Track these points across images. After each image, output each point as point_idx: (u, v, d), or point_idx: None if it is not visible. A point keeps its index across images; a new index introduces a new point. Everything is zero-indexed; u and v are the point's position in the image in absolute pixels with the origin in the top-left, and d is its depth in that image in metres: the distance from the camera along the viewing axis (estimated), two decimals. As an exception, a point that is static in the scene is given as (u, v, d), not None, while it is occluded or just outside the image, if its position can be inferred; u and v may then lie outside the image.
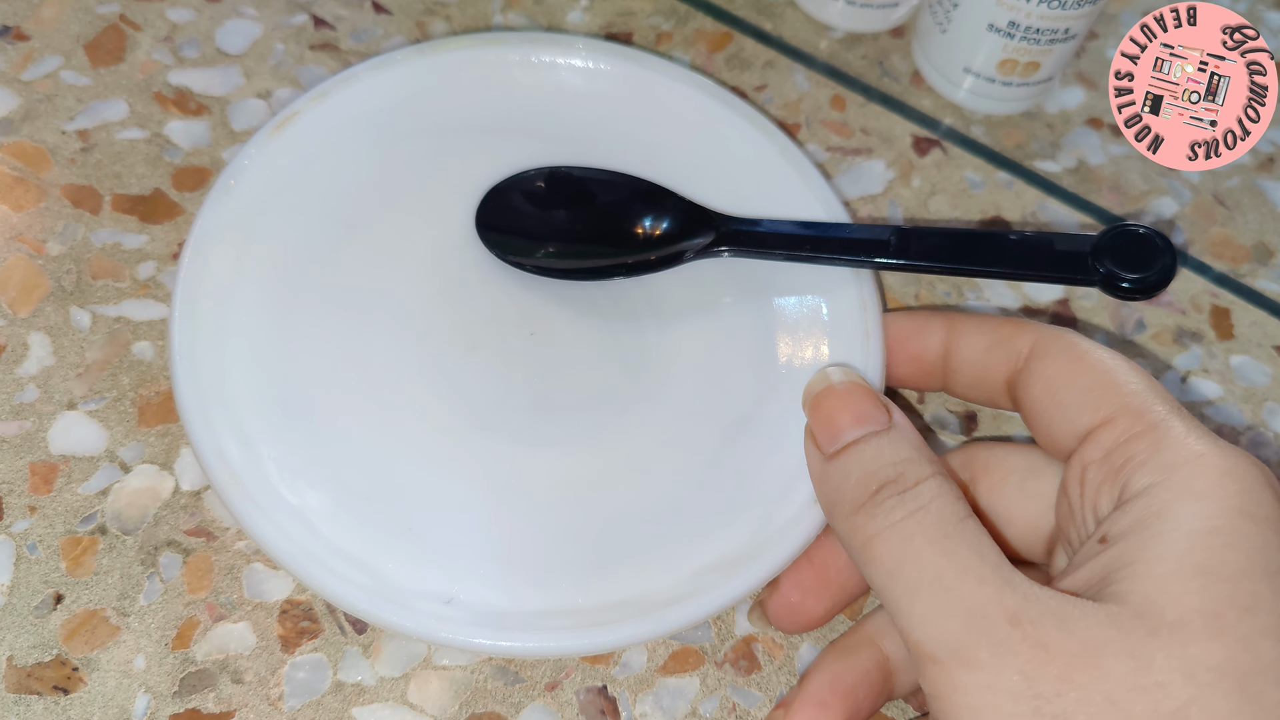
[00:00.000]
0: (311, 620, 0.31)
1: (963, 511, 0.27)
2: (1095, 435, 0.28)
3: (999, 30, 0.39)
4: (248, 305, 0.34)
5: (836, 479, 0.29)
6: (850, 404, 0.30)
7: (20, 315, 0.34)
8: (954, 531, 0.26)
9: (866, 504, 0.27)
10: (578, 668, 0.31)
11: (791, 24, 0.44)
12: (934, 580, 0.26)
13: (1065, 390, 0.29)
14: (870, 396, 0.30)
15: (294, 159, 0.36)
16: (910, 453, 0.28)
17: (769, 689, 0.31)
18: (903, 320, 0.34)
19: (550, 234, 0.36)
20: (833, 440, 0.29)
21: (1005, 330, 0.31)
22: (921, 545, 0.26)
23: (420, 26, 0.41)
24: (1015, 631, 0.24)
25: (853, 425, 0.29)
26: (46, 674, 0.29)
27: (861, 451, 0.29)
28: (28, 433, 0.32)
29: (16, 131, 0.37)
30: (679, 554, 0.31)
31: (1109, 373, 0.28)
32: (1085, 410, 0.28)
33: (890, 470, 0.28)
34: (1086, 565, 0.26)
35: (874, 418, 0.29)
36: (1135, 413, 0.27)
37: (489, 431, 0.33)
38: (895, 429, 0.29)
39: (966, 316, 0.32)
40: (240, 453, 0.31)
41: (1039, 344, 0.30)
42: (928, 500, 0.27)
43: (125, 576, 0.31)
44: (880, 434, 0.29)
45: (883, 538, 0.27)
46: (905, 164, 0.41)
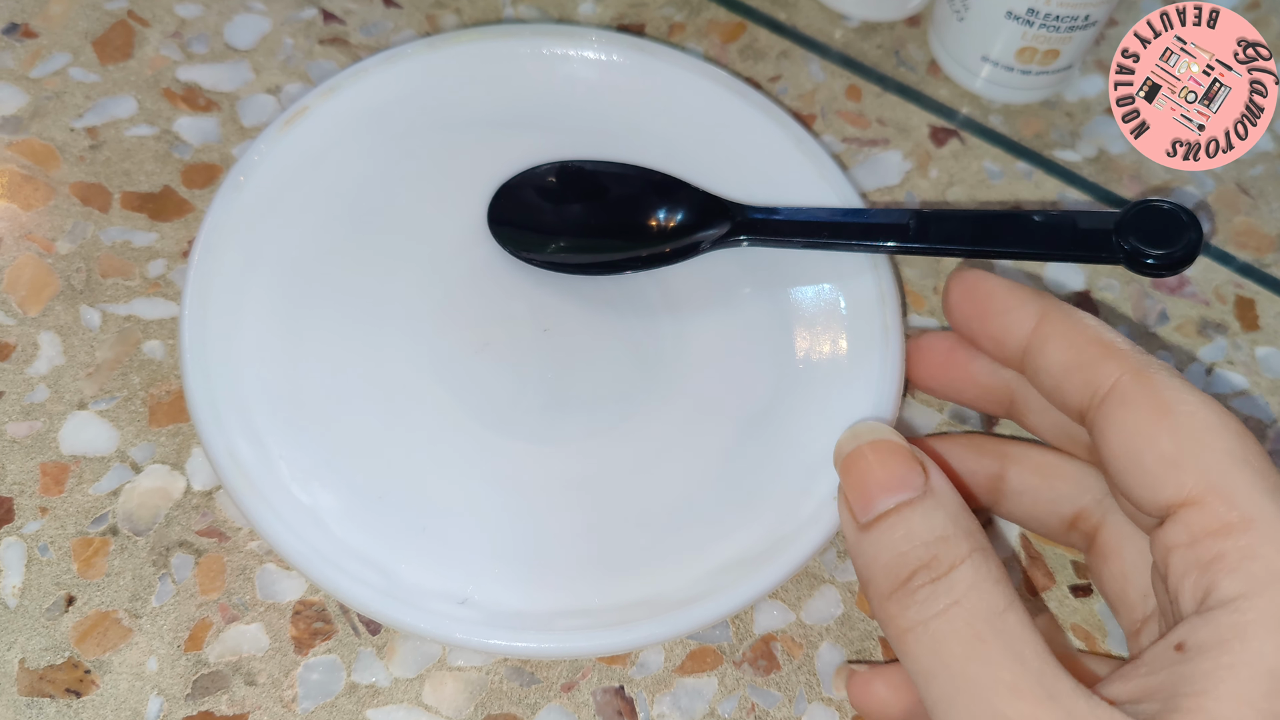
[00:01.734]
0: (325, 621, 0.31)
1: (1001, 603, 0.24)
2: (1181, 516, 0.25)
3: (1018, 17, 0.38)
4: (258, 303, 0.33)
5: (869, 555, 0.27)
6: (882, 467, 0.27)
7: (30, 314, 0.34)
8: (990, 633, 0.24)
9: (898, 593, 0.25)
10: (594, 668, 0.31)
11: (806, 13, 0.43)
12: (968, 691, 0.24)
13: (1146, 453, 0.25)
14: (903, 457, 0.27)
15: (304, 155, 0.35)
16: (945, 527, 0.26)
17: (788, 689, 0.31)
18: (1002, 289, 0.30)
19: (563, 228, 0.36)
20: (865, 509, 0.27)
21: (1091, 352, 0.27)
22: (955, 649, 0.24)
23: (430, 20, 0.41)
24: None
25: (885, 492, 0.27)
26: (58, 676, 0.29)
27: (893, 528, 0.26)
28: (38, 433, 0.32)
29: (25, 129, 0.37)
30: (696, 552, 0.31)
31: (1198, 438, 0.25)
32: (1169, 483, 0.25)
33: (923, 552, 0.25)
34: (1159, 672, 0.23)
35: (908, 482, 0.27)
36: (1226, 498, 0.24)
37: (502, 429, 0.33)
38: (930, 495, 0.26)
39: (1060, 315, 0.29)
40: (252, 452, 0.31)
41: (1120, 385, 0.26)
42: (962, 592, 0.24)
43: (137, 578, 0.31)
44: (914, 504, 0.26)
45: (915, 635, 0.25)
46: (922, 154, 0.40)
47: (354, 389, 0.33)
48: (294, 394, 0.32)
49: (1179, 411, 0.25)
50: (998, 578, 0.25)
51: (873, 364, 0.33)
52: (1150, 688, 0.23)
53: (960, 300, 0.31)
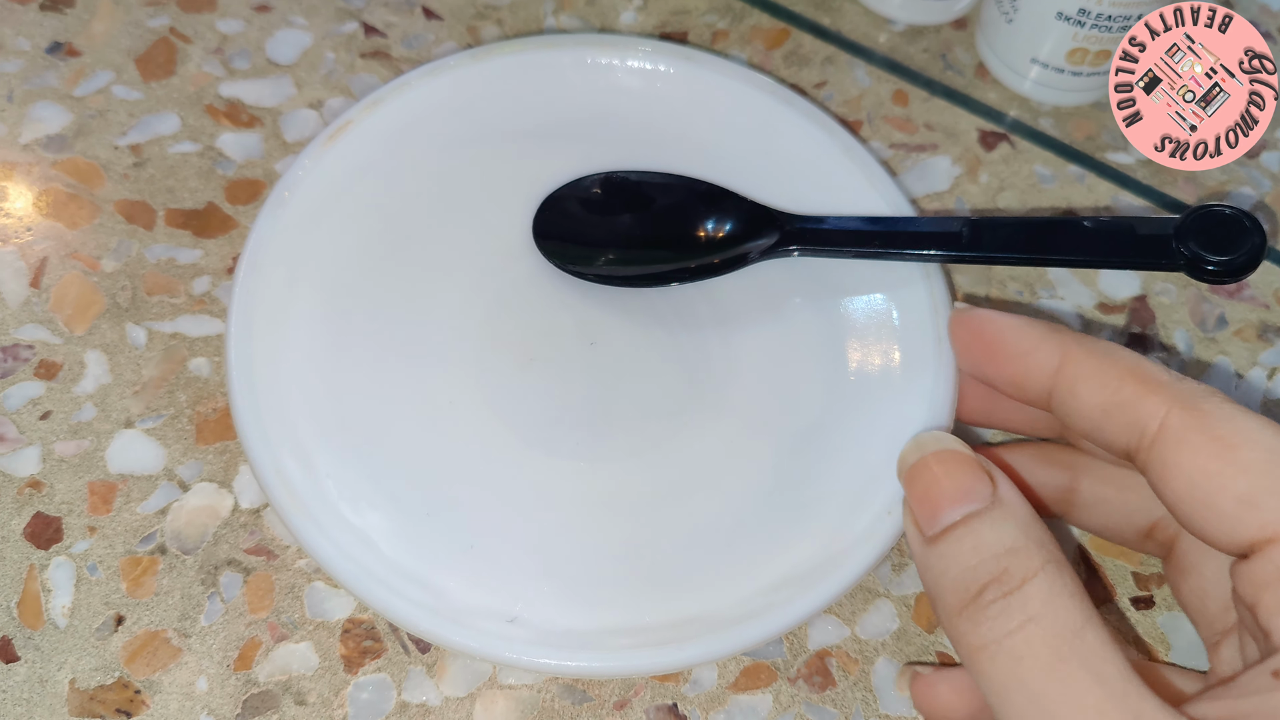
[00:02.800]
0: (374, 640, 0.30)
1: (1079, 619, 0.23)
2: (1268, 553, 0.23)
3: (1068, 18, 0.37)
4: (304, 319, 0.33)
5: (937, 570, 0.26)
6: (948, 478, 0.26)
7: (76, 333, 0.34)
8: (1068, 651, 0.23)
9: (969, 608, 0.24)
10: (647, 685, 0.30)
11: (850, 18, 0.42)
12: (1048, 713, 0.23)
13: (1217, 495, 0.24)
14: (970, 467, 0.27)
15: (348, 169, 0.35)
16: (1016, 538, 0.25)
17: (844, 705, 0.30)
18: (1012, 331, 0.29)
19: (609, 240, 0.35)
20: (932, 521, 0.26)
21: (1129, 390, 0.26)
22: (1031, 669, 0.23)
23: (472, 31, 0.41)
24: None
25: (952, 503, 0.26)
26: (109, 697, 0.29)
27: (962, 540, 0.25)
28: (86, 452, 0.32)
29: (70, 148, 0.37)
30: (748, 569, 0.30)
31: (1269, 470, 0.24)
32: (1249, 523, 0.24)
33: (994, 565, 0.24)
34: (1253, 697, 0.23)
35: (976, 493, 0.26)
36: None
37: (549, 445, 0.32)
38: (999, 505, 0.26)
39: (1085, 352, 0.27)
40: (299, 470, 0.30)
41: (1170, 423, 0.25)
42: (1037, 609, 0.24)
43: (186, 597, 0.30)
44: (983, 514, 0.25)
45: (989, 653, 0.24)
46: (972, 159, 0.40)
47: (399, 405, 0.32)
48: (340, 410, 0.32)
49: (1241, 445, 0.24)
50: (1073, 591, 0.24)
51: (926, 375, 0.32)
52: (1243, 712, 0.22)
53: (968, 345, 0.30)
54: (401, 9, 0.41)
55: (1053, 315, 0.37)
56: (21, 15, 0.40)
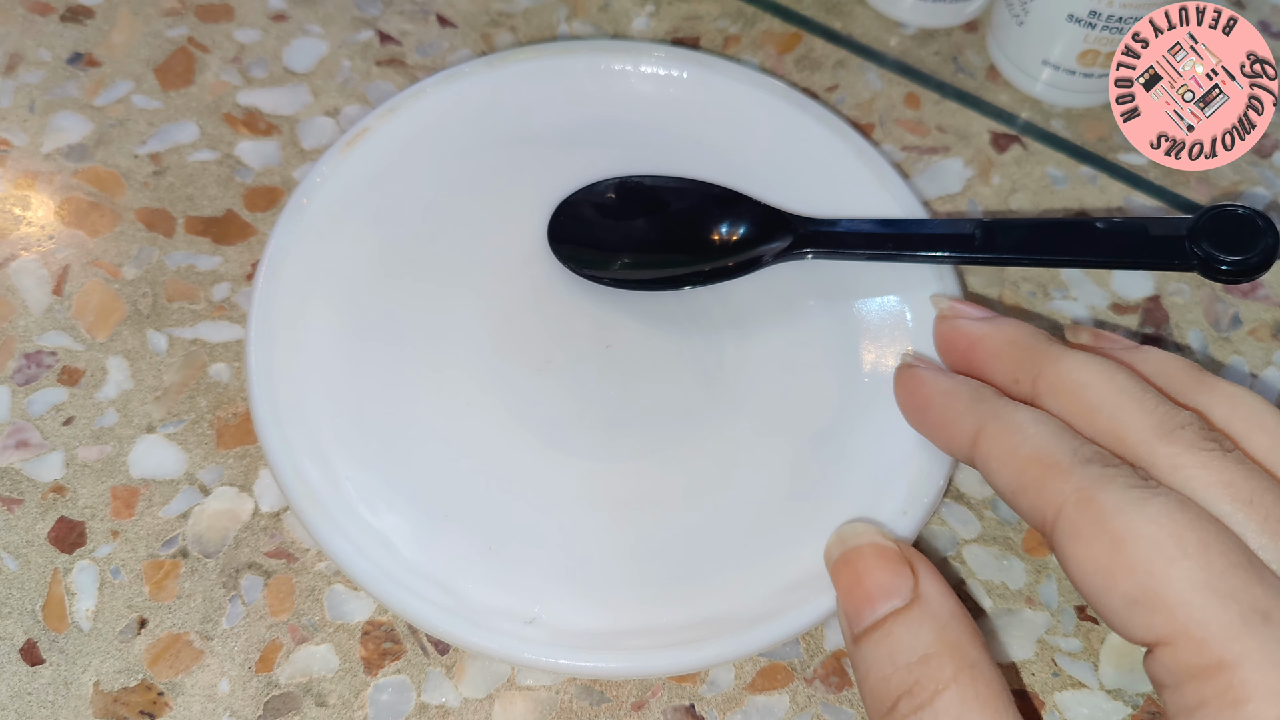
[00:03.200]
0: (394, 641, 0.31)
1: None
2: (1159, 656, 0.23)
3: (1079, 20, 0.37)
4: (323, 324, 0.33)
5: (860, 672, 0.26)
6: (869, 574, 0.27)
7: (98, 340, 0.34)
8: None
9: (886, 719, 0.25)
10: (664, 686, 0.31)
11: (861, 22, 0.43)
12: None
13: (1107, 595, 0.23)
14: (890, 561, 0.27)
15: (365, 175, 0.35)
16: (930, 644, 0.25)
17: (861, 706, 0.31)
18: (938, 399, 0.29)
19: (624, 245, 0.35)
20: (856, 619, 0.26)
21: (1031, 474, 0.25)
22: None
23: (486, 39, 0.41)
24: None
25: (872, 602, 0.26)
26: (132, 699, 0.29)
27: (879, 644, 0.25)
28: (108, 457, 0.33)
29: (90, 157, 0.37)
30: (764, 570, 0.31)
31: (1156, 571, 0.23)
32: (1137, 624, 0.23)
33: (905, 677, 0.25)
34: None
35: (895, 589, 0.26)
36: (1198, 640, 0.22)
37: (566, 448, 0.33)
38: (918, 605, 0.26)
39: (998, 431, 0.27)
40: (318, 473, 0.31)
41: (1065, 514, 0.24)
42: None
43: (207, 600, 0.31)
44: (899, 616, 0.26)
45: None
46: (984, 161, 0.40)
47: (417, 408, 0.33)
48: (359, 414, 0.32)
49: (1130, 541, 0.23)
50: (985, 702, 0.24)
51: (941, 375, 0.32)
52: None
53: (904, 402, 0.30)
54: (416, 17, 0.42)
55: (1062, 318, 0.37)
56: (42, 26, 0.40)
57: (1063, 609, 0.32)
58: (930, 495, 0.31)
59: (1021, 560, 0.33)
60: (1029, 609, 0.32)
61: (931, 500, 0.31)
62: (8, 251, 0.35)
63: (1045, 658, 0.31)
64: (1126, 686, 0.31)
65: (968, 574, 0.32)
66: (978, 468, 0.27)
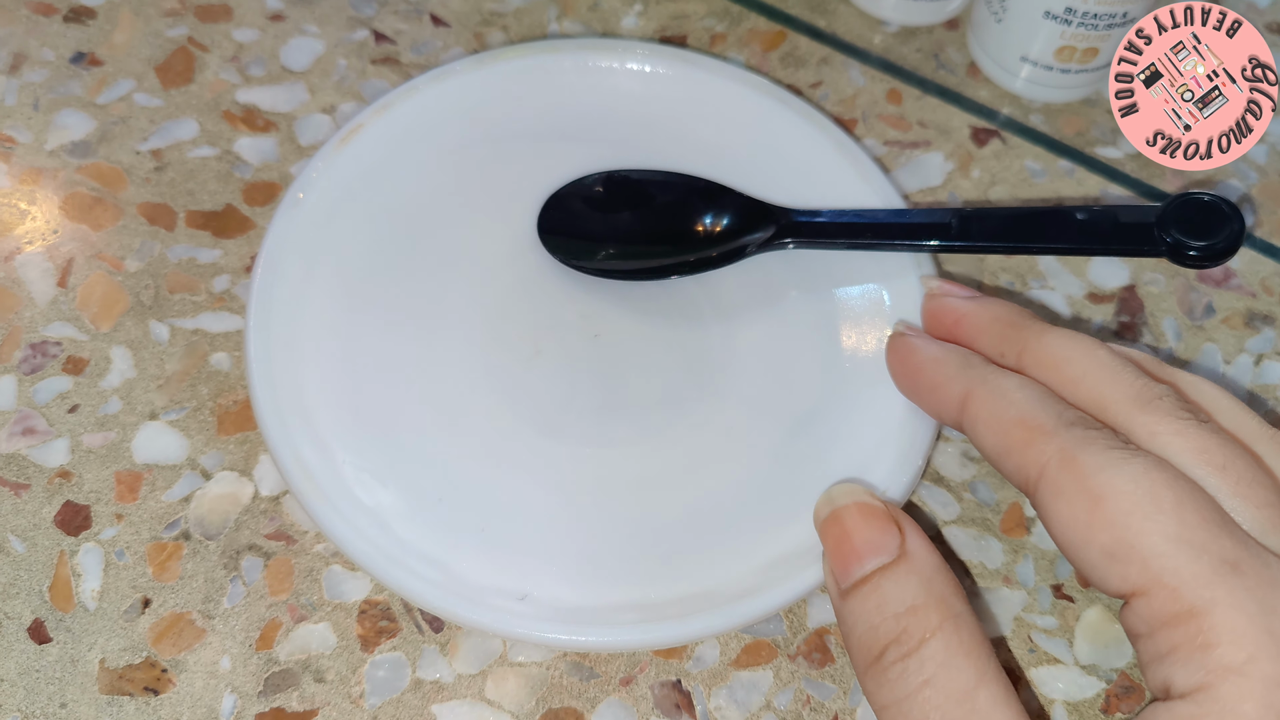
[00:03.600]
0: (390, 620, 0.32)
1: (972, 680, 0.24)
2: (1134, 606, 0.24)
3: (1055, 17, 0.38)
4: (319, 314, 0.34)
5: (848, 625, 0.27)
6: (857, 531, 0.28)
7: (102, 330, 0.35)
8: (962, 713, 0.24)
9: (874, 668, 0.26)
10: (651, 662, 0.31)
11: (845, 20, 0.44)
12: None
13: (1085, 548, 0.25)
14: (877, 519, 0.28)
15: (359, 171, 0.36)
16: (917, 596, 0.26)
17: (842, 681, 0.32)
18: (928, 366, 0.30)
19: (611, 236, 0.36)
20: (844, 575, 0.27)
21: (1016, 437, 0.26)
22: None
23: (478, 37, 0.42)
24: None
25: (860, 558, 0.27)
26: (137, 675, 0.30)
27: (867, 597, 0.26)
28: (113, 443, 0.33)
29: (94, 153, 0.38)
30: (748, 547, 0.31)
31: (1133, 525, 0.24)
32: (1113, 576, 0.24)
33: (893, 626, 0.26)
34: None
35: (882, 546, 0.27)
36: (1171, 589, 0.23)
37: (557, 432, 0.33)
38: (905, 560, 0.27)
39: (985, 395, 0.28)
40: (317, 458, 0.32)
41: (1048, 473, 0.25)
42: (933, 671, 0.25)
43: (209, 580, 0.32)
44: (887, 571, 0.27)
45: (890, 714, 0.25)
46: (964, 155, 0.41)
47: (412, 396, 0.34)
48: (355, 401, 0.33)
49: (1109, 497, 0.24)
50: (969, 650, 0.25)
51: (918, 360, 0.33)
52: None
53: (895, 369, 0.31)
54: (410, 17, 0.43)
55: (1043, 305, 0.38)
56: (46, 27, 0.41)
57: (1039, 588, 0.33)
58: (909, 475, 0.32)
59: (999, 541, 0.34)
60: (1006, 588, 0.33)
61: (910, 480, 0.32)
62: (14, 245, 0.36)
63: (1022, 634, 0.32)
64: (1101, 662, 0.32)
65: (947, 554, 0.33)
66: (965, 431, 0.28)
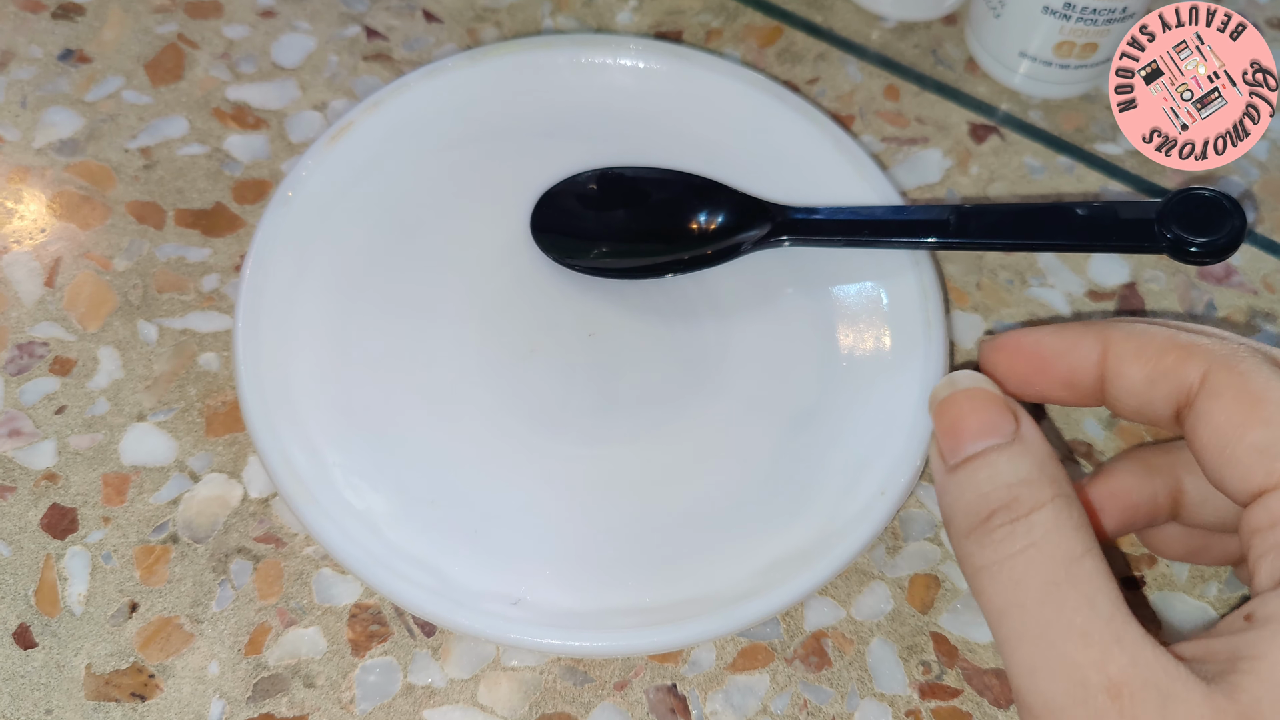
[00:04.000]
0: (381, 624, 0.31)
1: (1079, 548, 0.25)
2: (1265, 500, 0.25)
3: (1054, 12, 0.38)
4: (309, 314, 0.34)
5: (953, 495, 0.27)
6: (974, 413, 0.28)
7: (90, 330, 0.35)
8: (1065, 576, 0.24)
9: (977, 531, 0.26)
10: (646, 667, 0.31)
11: (842, 15, 0.43)
12: (1039, 633, 0.24)
13: (1236, 444, 0.25)
14: (996, 404, 0.28)
15: (350, 169, 0.36)
16: (1030, 472, 0.26)
17: (840, 685, 0.31)
18: (1049, 337, 0.30)
19: (605, 234, 0.36)
20: (954, 451, 0.27)
21: (1170, 359, 0.27)
22: (1029, 590, 0.24)
23: (471, 33, 0.42)
24: (1113, 705, 0.23)
25: (974, 437, 0.27)
26: (124, 681, 0.30)
27: (978, 470, 0.27)
28: (100, 445, 0.33)
29: (82, 151, 0.38)
30: (746, 550, 0.31)
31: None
32: (1257, 471, 0.25)
33: (1005, 494, 0.26)
34: (1224, 636, 0.24)
35: (999, 428, 0.27)
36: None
37: (551, 433, 0.33)
38: (1020, 442, 0.27)
39: (1124, 335, 0.28)
40: (306, 460, 0.31)
41: (1210, 377, 0.26)
42: (1040, 536, 0.25)
43: (197, 584, 0.31)
44: (1002, 449, 0.27)
45: (990, 574, 0.25)
46: (962, 152, 0.40)
47: (404, 396, 0.33)
48: (346, 402, 0.33)
49: (1267, 400, 0.25)
50: (1078, 524, 0.25)
51: (916, 359, 0.33)
52: (1215, 650, 0.24)
53: (1010, 364, 0.30)
54: (402, 13, 0.42)
55: (1040, 305, 0.37)
56: (34, 23, 0.41)
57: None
58: (907, 475, 0.32)
59: (998, 542, 0.33)
60: (1005, 589, 0.33)
61: (909, 480, 0.32)
62: (0, 244, 0.36)
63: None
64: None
65: (945, 555, 0.33)
66: (1108, 379, 0.28)
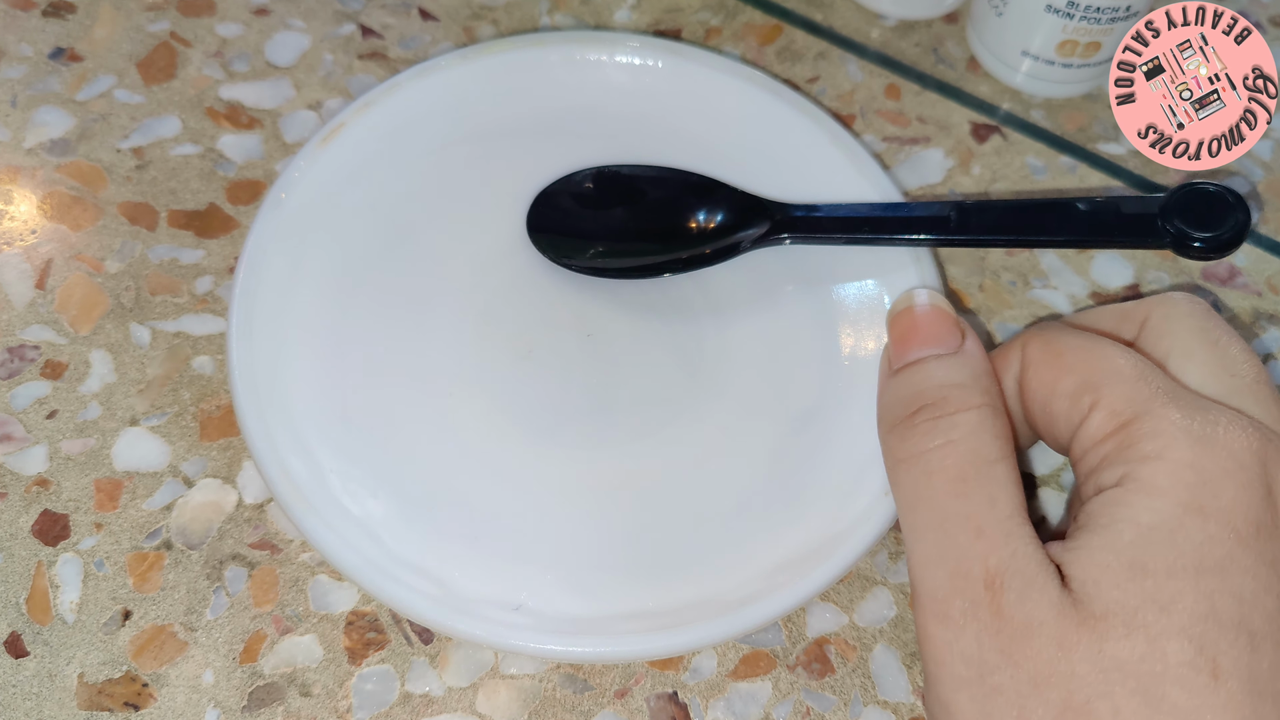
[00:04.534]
0: (378, 631, 0.31)
1: (994, 453, 0.26)
2: (1078, 435, 0.27)
3: (1058, 11, 0.38)
4: (304, 316, 0.33)
5: (890, 394, 0.29)
6: (925, 325, 0.29)
7: (81, 333, 0.34)
8: (974, 475, 0.26)
9: (901, 424, 0.27)
10: (647, 674, 0.31)
11: (842, 13, 0.43)
12: (939, 525, 0.26)
13: (1052, 399, 0.28)
14: (946, 320, 0.30)
15: (343, 170, 0.36)
16: (964, 378, 0.28)
17: (842, 692, 0.31)
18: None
19: (602, 233, 0.36)
20: (900, 357, 0.29)
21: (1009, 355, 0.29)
22: (939, 484, 0.26)
23: (468, 31, 0.41)
24: (986, 594, 0.24)
25: (921, 345, 0.29)
26: (117, 690, 0.29)
27: (916, 371, 0.28)
28: (92, 450, 0.33)
29: (73, 151, 0.37)
30: (747, 553, 0.31)
31: (1089, 368, 0.27)
32: (1073, 412, 0.27)
33: (935, 393, 0.27)
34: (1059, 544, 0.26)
35: (944, 340, 0.29)
36: (1111, 409, 0.26)
37: (549, 435, 0.33)
38: (961, 354, 0.29)
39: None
40: (302, 464, 0.31)
41: (1025, 356, 0.29)
42: (959, 435, 0.26)
43: (191, 591, 0.31)
44: (943, 357, 0.28)
45: (907, 466, 0.27)
46: (964, 152, 0.40)
47: (400, 399, 0.33)
48: (342, 406, 0.32)
49: (1070, 357, 0.27)
50: (998, 433, 0.27)
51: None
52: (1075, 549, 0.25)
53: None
54: (398, 11, 0.42)
55: (1043, 307, 0.37)
56: (24, 21, 0.40)
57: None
58: (910, 480, 0.31)
59: (1002, 546, 0.33)
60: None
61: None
62: (-10, 246, 0.36)
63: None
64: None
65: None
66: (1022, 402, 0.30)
